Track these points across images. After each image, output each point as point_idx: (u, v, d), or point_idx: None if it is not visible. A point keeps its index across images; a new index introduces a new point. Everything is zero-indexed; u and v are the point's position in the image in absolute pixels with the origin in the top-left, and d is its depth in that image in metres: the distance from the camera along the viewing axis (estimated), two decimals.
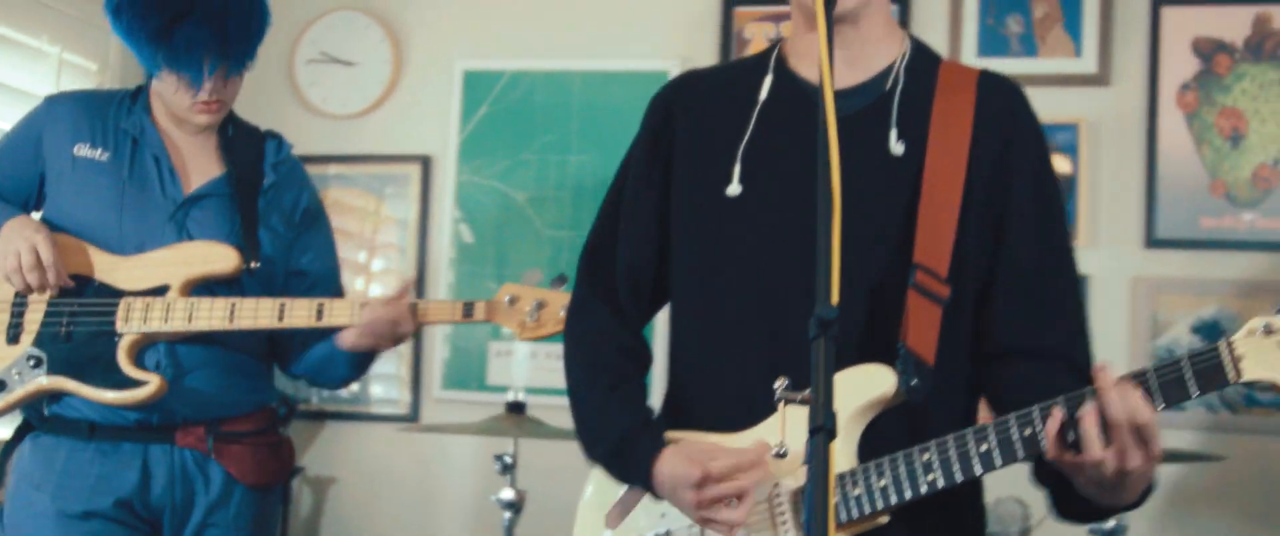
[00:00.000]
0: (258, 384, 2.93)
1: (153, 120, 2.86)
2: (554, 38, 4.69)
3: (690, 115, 2.14)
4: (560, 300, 2.73)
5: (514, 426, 3.65)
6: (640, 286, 2.16)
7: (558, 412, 2.99)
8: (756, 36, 4.50)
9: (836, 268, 1.49)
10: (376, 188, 4.79)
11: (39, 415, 2.82)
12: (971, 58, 4.39)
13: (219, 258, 2.77)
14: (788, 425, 1.84)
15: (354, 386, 4.61)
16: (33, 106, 2.95)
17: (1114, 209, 4.34)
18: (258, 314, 2.74)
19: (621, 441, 2.03)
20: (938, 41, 4.38)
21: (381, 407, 4.73)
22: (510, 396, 3.78)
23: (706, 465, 1.87)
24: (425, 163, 4.74)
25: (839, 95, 1.82)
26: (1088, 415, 1.80)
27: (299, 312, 2.77)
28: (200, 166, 2.89)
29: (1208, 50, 4.27)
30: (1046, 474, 1.92)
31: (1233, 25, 4.27)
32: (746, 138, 2.04)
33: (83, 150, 2.82)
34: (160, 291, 2.75)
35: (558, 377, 2.30)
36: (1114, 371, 1.83)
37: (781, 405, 1.78)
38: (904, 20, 4.42)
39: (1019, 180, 2.01)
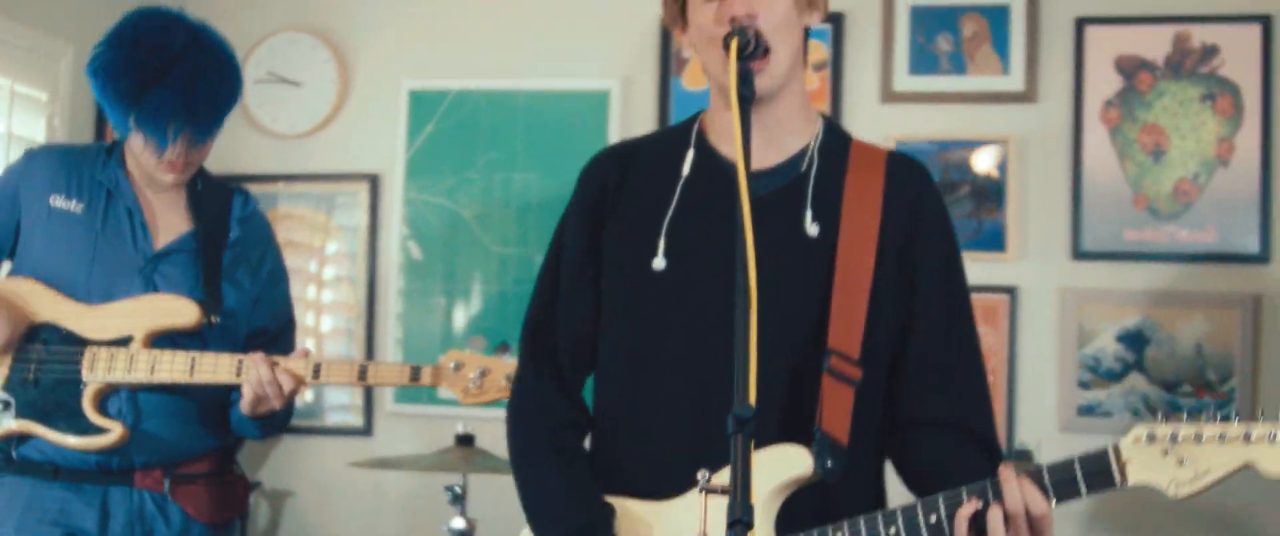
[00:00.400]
0: (214, 428, 3.00)
1: (127, 174, 2.94)
2: (498, 57, 4.77)
3: (619, 189, 2.21)
4: (502, 368, 2.80)
5: (463, 460, 3.73)
6: (582, 355, 2.23)
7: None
8: (694, 57, 4.61)
9: (753, 366, 1.63)
10: (325, 205, 4.87)
11: (5, 457, 2.88)
12: (903, 76, 4.51)
13: (181, 311, 2.85)
14: (709, 511, 1.90)
15: (308, 399, 4.69)
16: None
17: (1041, 222, 4.46)
18: (217, 369, 2.82)
19: (578, 532, 2.09)
20: (871, 60, 4.54)
21: (335, 421, 4.82)
22: (459, 429, 3.88)
23: None
24: (373, 181, 4.82)
25: (757, 175, 1.97)
26: (994, 510, 1.92)
27: (207, 367, 2.85)
28: (170, 221, 2.96)
29: (1130, 68, 4.39)
30: None
31: (1154, 43, 4.39)
32: (670, 212, 2.13)
33: (59, 201, 2.89)
34: (124, 341, 2.83)
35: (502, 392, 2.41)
36: (1012, 469, 1.96)
37: (702, 494, 1.85)
38: (837, 43, 4.55)
39: (926, 260, 2.12)
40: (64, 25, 4.39)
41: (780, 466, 1.98)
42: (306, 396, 4.70)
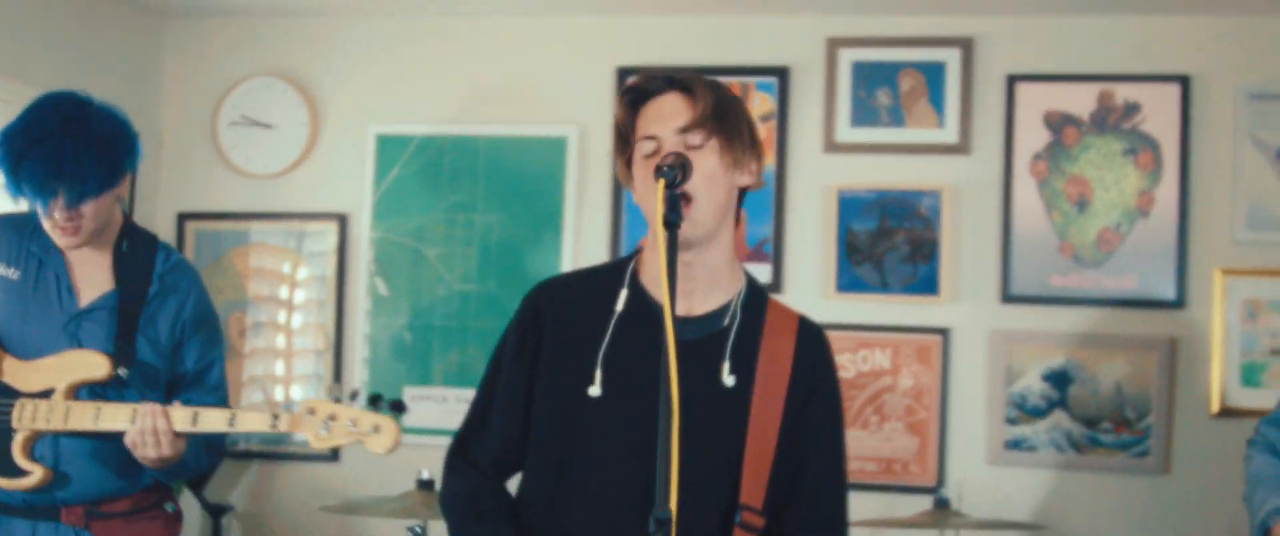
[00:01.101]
0: (129, 471, 3.21)
1: (51, 243, 3.20)
2: (461, 104, 5.00)
3: (557, 319, 2.40)
4: (349, 414, 3.01)
5: (423, 504, 3.99)
6: (505, 468, 2.44)
7: None
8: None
9: (675, 474, 1.87)
10: (295, 243, 5.10)
11: None
12: (846, 128, 4.77)
13: (93, 364, 3.12)
14: None
15: (281, 427, 4.91)
16: None
17: (973, 268, 4.72)
18: (115, 418, 3.06)
19: None
20: (814, 113, 4.80)
21: (304, 448, 5.01)
22: (422, 474, 4.11)
23: None
24: (342, 220, 5.05)
25: (683, 322, 2.21)
26: None
27: (112, 416, 3.08)
28: (94, 281, 3.21)
29: (1057, 123, 4.66)
30: None
31: (1080, 100, 4.66)
32: (605, 344, 2.32)
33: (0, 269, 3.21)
34: (48, 393, 3.11)
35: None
36: None
37: None
38: (783, 96, 4.80)
39: (818, 420, 2.35)
40: (45, 79, 4.41)
41: None
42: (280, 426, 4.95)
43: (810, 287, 4.79)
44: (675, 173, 2.11)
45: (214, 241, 5.16)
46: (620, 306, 2.35)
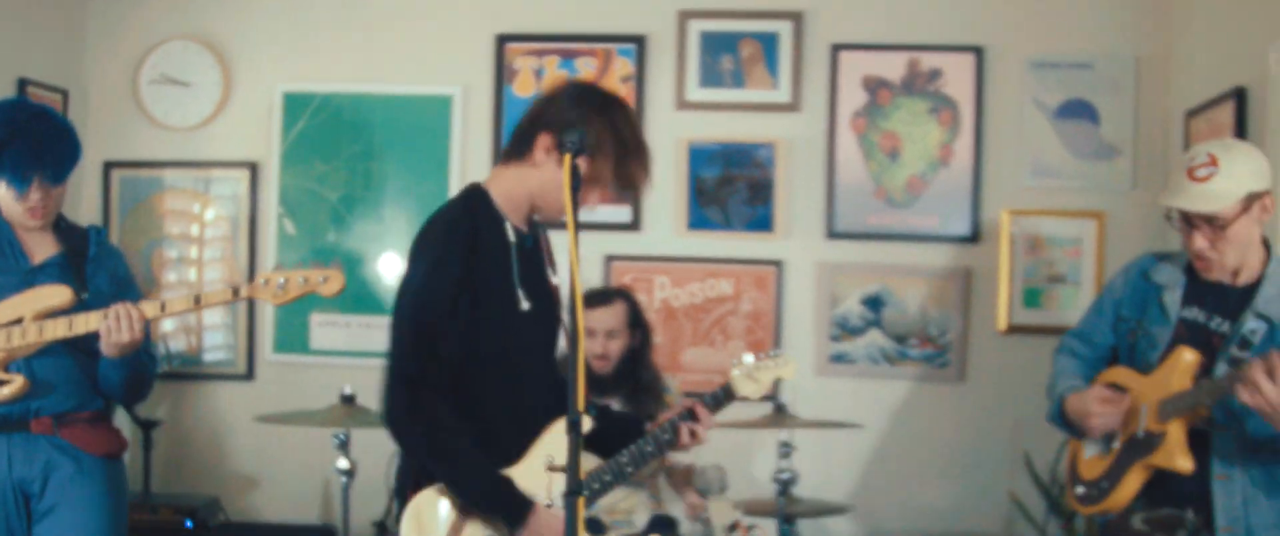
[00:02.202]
0: (90, 393, 3.68)
1: (4, 218, 3.65)
2: (359, 66, 5.55)
3: (480, 252, 3.02)
4: (298, 274, 3.49)
5: (347, 416, 4.48)
6: (453, 371, 3.01)
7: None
8: (524, 68, 5.47)
9: (582, 386, 2.51)
10: (204, 187, 5.65)
11: None
12: (694, 88, 5.39)
13: (58, 294, 3.55)
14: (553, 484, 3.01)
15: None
16: None
17: (803, 209, 5.37)
18: (88, 321, 3.50)
19: (502, 486, 2.99)
20: (667, 75, 5.40)
21: (222, 368, 5.64)
22: (345, 390, 4.59)
23: None
24: (253, 168, 5.61)
25: (526, 236, 3.05)
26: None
27: (82, 320, 3.54)
28: (42, 247, 3.69)
29: (873, 86, 5.33)
30: None
31: (892, 66, 5.32)
32: (515, 270, 3.05)
33: None
34: (17, 322, 3.51)
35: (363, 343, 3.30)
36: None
37: (550, 471, 2.97)
38: (641, 60, 5.41)
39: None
40: None
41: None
42: (192, 341, 5.53)
43: (665, 226, 5.43)
44: (576, 144, 2.73)
45: (134, 187, 5.65)
46: (511, 237, 3.08)
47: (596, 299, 4.61)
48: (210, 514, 5.25)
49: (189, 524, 5.04)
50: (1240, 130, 4.39)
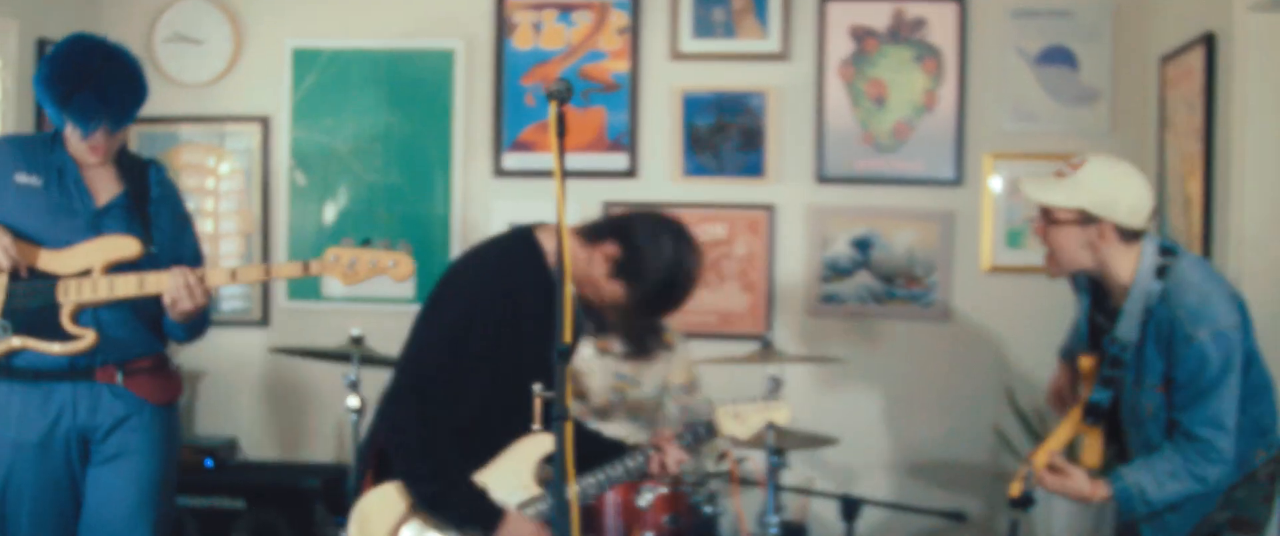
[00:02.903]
0: (153, 334, 3.80)
1: (70, 155, 3.72)
2: (365, 21, 5.73)
3: (523, 319, 3.24)
4: (367, 256, 3.53)
5: (357, 353, 4.71)
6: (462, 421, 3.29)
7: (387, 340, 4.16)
8: (523, 22, 5.66)
9: (570, 322, 2.60)
10: (218, 141, 5.86)
11: (3, 367, 3.66)
12: (688, 39, 5.56)
13: (126, 246, 3.63)
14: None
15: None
16: None
17: (793, 155, 5.55)
18: (160, 283, 3.58)
19: (480, 505, 3.22)
20: (661, 26, 5.57)
21: (238, 315, 5.86)
22: (353, 331, 4.80)
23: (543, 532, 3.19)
24: (264, 122, 5.82)
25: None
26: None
27: (151, 282, 3.62)
28: (106, 187, 3.75)
29: (860, 35, 5.50)
30: None
31: (878, 16, 5.49)
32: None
33: (22, 178, 3.66)
34: (86, 273, 3.55)
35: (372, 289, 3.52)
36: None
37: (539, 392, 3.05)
38: (636, 12, 5.59)
39: None
40: (7, 5, 5.20)
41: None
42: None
43: (661, 173, 5.63)
44: (562, 92, 2.72)
45: (151, 142, 5.84)
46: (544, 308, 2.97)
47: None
48: (229, 453, 5.49)
49: (209, 463, 5.28)
50: (1209, 75, 4.57)
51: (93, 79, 3.59)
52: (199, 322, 3.78)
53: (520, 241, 3.32)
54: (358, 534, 3.24)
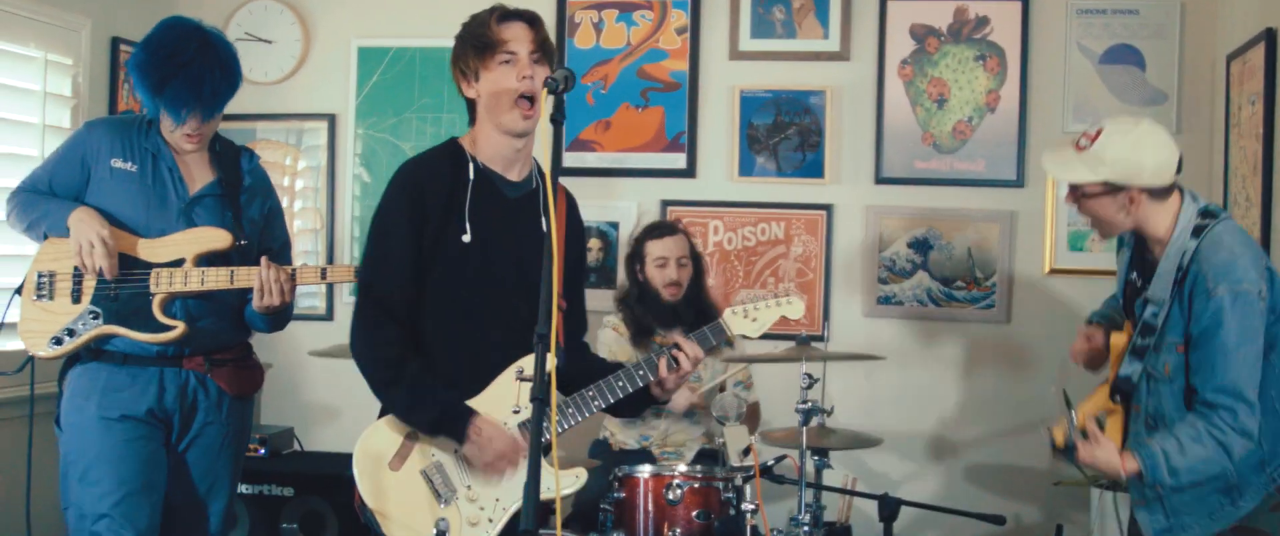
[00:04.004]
0: (239, 326, 3.88)
1: (164, 140, 3.78)
2: (428, 21, 5.80)
3: (431, 190, 3.22)
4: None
5: None
6: (407, 298, 3.20)
7: None
8: (584, 21, 5.70)
9: (555, 304, 2.66)
10: (294, 139, 5.99)
11: (92, 351, 3.69)
12: (747, 39, 5.57)
13: (218, 238, 3.67)
14: (521, 393, 3.13)
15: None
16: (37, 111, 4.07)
17: (852, 154, 5.53)
18: (251, 277, 3.65)
19: (447, 407, 3.17)
20: (721, 26, 5.58)
21: (305, 310, 5.95)
22: None
23: (518, 444, 3.17)
24: (331, 120, 5.92)
25: (511, 185, 3.19)
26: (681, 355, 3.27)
27: (242, 277, 3.68)
28: (199, 174, 3.81)
29: (920, 34, 5.46)
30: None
31: (939, 14, 5.45)
32: (467, 205, 3.17)
33: (118, 163, 3.72)
34: (178, 263, 3.64)
35: None
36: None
37: (517, 382, 3.08)
38: (695, 12, 5.60)
39: (575, 243, 3.41)
40: (82, 5, 5.34)
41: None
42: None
43: (718, 172, 5.63)
44: (558, 83, 2.86)
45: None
46: (471, 175, 3.22)
47: (663, 229, 4.93)
48: (284, 443, 5.59)
49: (263, 451, 5.37)
50: (1270, 71, 4.45)
51: (187, 68, 3.61)
52: (282, 316, 3.84)
53: (442, 143, 3.39)
54: (360, 473, 3.22)
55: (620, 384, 3.28)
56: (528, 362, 3.10)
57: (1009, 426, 5.43)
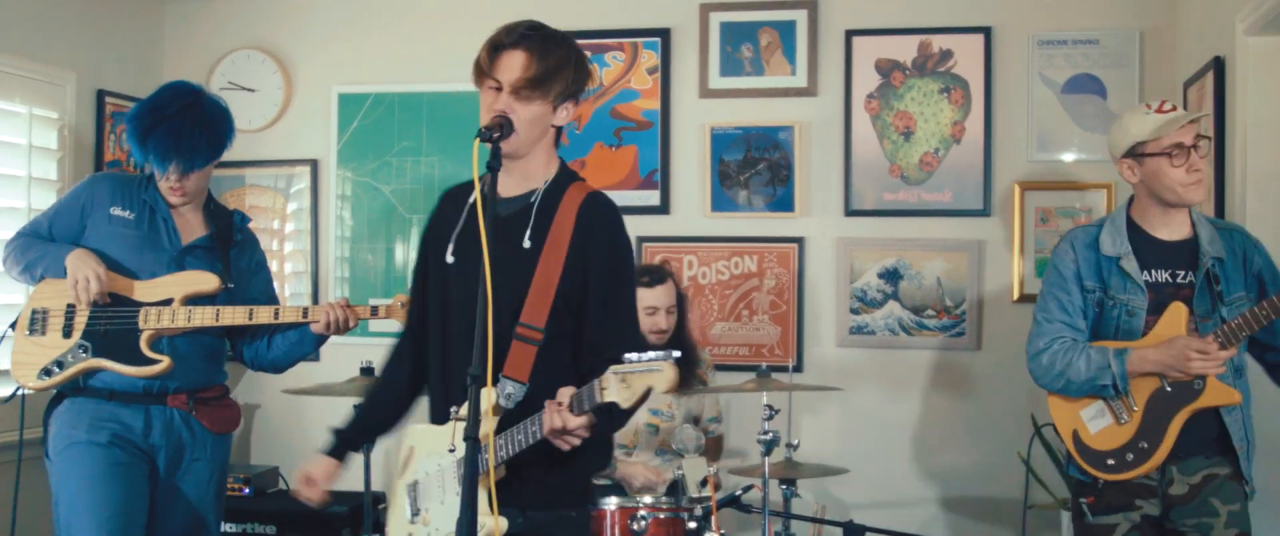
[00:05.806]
0: (220, 367, 4.09)
1: (161, 196, 3.98)
2: (407, 67, 5.93)
3: (447, 210, 3.26)
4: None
5: (364, 387, 4.74)
6: (417, 322, 3.27)
7: None
8: None
9: (490, 342, 2.66)
10: (281, 185, 6.11)
11: (78, 385, 3.86)
12: (716, 77, 5.66)
13: (206, 281, 3.90)
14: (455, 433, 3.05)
15: None
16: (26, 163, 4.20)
17: (821, 188, 5.61)
18: (235, 315, 3.86)
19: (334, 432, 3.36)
20: (691, 65, 5.68)
21: None
22: (364, 363, 4.99)
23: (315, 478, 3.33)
24: (314, 165, 6.05)
25: (505, 201, 3.09)
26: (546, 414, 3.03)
27: (261, 314, 3.90)
28: (192, 227, 4.03)
29: (886, 68, 5.55)
30: None
31: (903, 49, 5.54)
32: (458, 227, 3.15)
33: (117, 211, 3.91)
34: (167, 302, 3.83)
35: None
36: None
37: (454, 416, 3.06)
38: (666, 52, 5.71)
39: (596, 254, 3.10)
40: (67, 59, 5.49)
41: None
42: None
43: (691, 208, 5.71)
44: (491, 132, 2.93)
45: (213, 185, 6.03)
46: (470, 200, 3.15)
47: (653, 277, 4.88)
48: (268, 482, 5.68)
49: (247, 490, 5.46)
50: (1219, 96, 4.54)
51: (170, 120, 3.85)
52: (304, 352, 4.13)
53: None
54: (402, 463, 3.29)
55: (520, 437, 2.99)
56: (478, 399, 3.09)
57: (982, 454, 5.49)
